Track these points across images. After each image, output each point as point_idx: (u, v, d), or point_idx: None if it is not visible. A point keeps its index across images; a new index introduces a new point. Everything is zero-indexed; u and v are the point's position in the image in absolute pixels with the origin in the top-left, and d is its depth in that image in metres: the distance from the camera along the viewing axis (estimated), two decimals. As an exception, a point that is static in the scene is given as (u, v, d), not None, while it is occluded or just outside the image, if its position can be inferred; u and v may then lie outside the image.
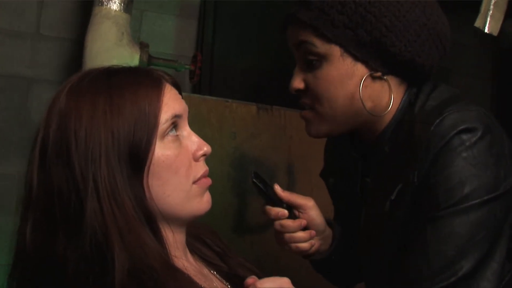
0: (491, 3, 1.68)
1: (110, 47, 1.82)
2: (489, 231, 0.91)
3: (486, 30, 1.70)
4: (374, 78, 1.00)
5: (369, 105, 1.01)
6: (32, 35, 2.12)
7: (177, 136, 0.83)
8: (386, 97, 1.02)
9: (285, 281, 0.75)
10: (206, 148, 0.86)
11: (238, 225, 1.91)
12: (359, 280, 1.23)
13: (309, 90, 1.03)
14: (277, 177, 2.00)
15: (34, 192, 0.77)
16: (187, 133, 0.86)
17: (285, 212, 1.07)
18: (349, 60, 0.99)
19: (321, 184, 1.30)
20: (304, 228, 1.10)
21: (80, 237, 0.73)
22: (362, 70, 0.99)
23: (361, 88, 0.99)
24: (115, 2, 1.85)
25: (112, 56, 1.82)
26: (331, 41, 0.98)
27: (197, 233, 0.98)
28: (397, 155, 1.00)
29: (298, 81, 1.04)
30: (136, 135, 0.77)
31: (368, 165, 1.09)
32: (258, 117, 2.00)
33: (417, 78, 1.03)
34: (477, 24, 1.70)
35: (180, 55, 2.27)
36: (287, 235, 1.08)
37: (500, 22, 1.70)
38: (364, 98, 1.00)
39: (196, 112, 1.88)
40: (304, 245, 1.10)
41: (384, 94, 1.02)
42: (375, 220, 1.04)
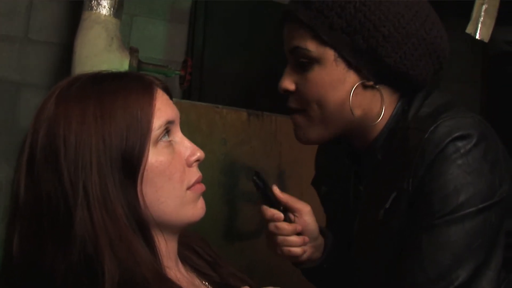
0: (482, 10, 1.68)
1: (100, 52, 1.80)
2: (485, 240, 0.91)
3: (477, 36, 1.71)
4: (366, 86, 0.99)
5: (359, 113, 1.00)
6: (20, 39, 2.10)
7: (170, 141, 0.82)
8: (378, 106, 1.01)
9: None
10: (200, 154, 0.86)
11: (229, 231, 1.90)
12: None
13: (299, 92, 1.02)
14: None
15: (21, 200, 0.74)
16: (180, 139, 0.85)
17: (280, 215, 1.06)
18: (342, 66, 0.98)
19: (312, 190, 1.29)
20: (298, 234, 1.09)
21: (69, 247, 0.71)
22: (354, 77, 0.98)
23: (351, 96, 0.98)
24: (104, 7, 1.83)
25: (101, 61, 1.80)
26: (326, 44, 0.97)
27: (188, 242, 0.97)
28: (391, 163, 0.99)
29: (288, 82, 1.02)
30: (128, 141, 0.75)
31: (361, 172, 1.08)
32: (248, 123, 1.99)
33: (410, 89, 1.02)
34: (468, 30, 1.71)
35: (170, 60, 2.26)
36: (280, 238, 1.07)
37: (491, 29, 1.71)
38: (355, 106, 0.99)
39: (186, 118, 1.87)
40: (297, 250, 1.08)
41: (376, 103, 1.01)
42: (369, 228, 1.03)
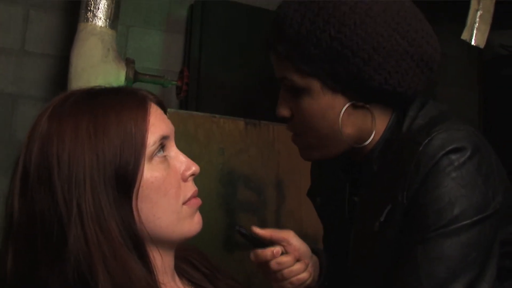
0: (477, 16, 1.69)
1: (96, 64, 1.80)
2: (480, 252, 0.90)
3: (473, 42, 1.71)
4: (357, 106, 0.99)
5: (354, 132, 1.00)
6: (17, 51, 2.11)
7: (164, 156, 0.82)
8: (371, 123, 1.00)
9: None
10: (195, 168, 0.85)
11: (228, 241, 1.89)
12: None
13: (294, 119, 1.02)
14: (266, 192, 1.99)
15: (15, 218, 0.74)
16: (175, 153, 0.84)
17: (278, 250, 1.04)
18: (329, 93, 0.97)
19: (310, 199, 1.29)
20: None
21: (63, 264, 0.70)
22: (343, 100, 0.97)
23: (340, 119, 0.97)
24: (100, 18, 1.83)
25: (97, 72, 1.80)
26: (309, 74, 0.96)
27: (185, 255, 0.96)
28: (386, 175, 0.99)
29: (283, 109, 1.02)
30: (122, 157, 0.75)
31: (356, 184, 1.08)
32: (246, 132, 1.99)
33: (401, 104, 1.01)
34: (464, 36, 1.71)
35: (167, 71, 2.26)
36: (285, 271, 1.05)
37: (486, 35, 1.71)
38: (348, 126, 0.99)
39: (183, 128, 1.87)
40: (304, 275, 1.07)
41: (369, 120, 1.00)
42: (366, 238, 1.02)
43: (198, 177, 0.87)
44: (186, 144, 1.86)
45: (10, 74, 2.09)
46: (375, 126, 1.00)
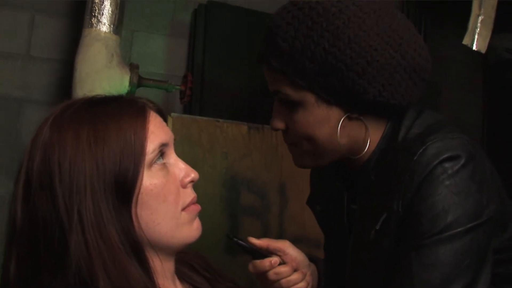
0: (478, 21, 1.69)
1: (100, 69, 1.82)
2: (474, 258, 0.91)
3: (474, 47, 1.71)
4: (351, 118, 0.99)
5: (349, 143, 1.01)
6: (22, 56, 2.12)
7: (164, 164, 0.83)
8: (365, 134, 1.01)
9: None
10: (194, 175, 0.86)
11: (230, 246, 1.89)
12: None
13: (289, 130, 1.03)
14: (269, 196, 2.00)
15: (18, 225, 0.76)
16: (174, 160, 0.85)
17: (276, 260, 1.05)
18: (324, 106, 0.97)
19: (312, 203, 1.29)
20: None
21: (65, 270, 0.72)
22: (338, 112, 0.98)
23: (338, 132, 0.99)
24: (104, 24, 1.85)
25: (101, 77, 1.81)
26: (303, 88, 0.96)
27: (185, 259, 0.97)
28: (382, 184, 1.00)
29: (277, 122, 1.03)
30: (122, 165, 0.76)
31: (354, 192, 1.09)
32: (249, 136, 2.00)
33: (395, 115, 1.02)
34: (465, 41, 1.72)
35: (170, 75, 2.27)
36: (283, 281, 1.06)
37: (487, 40, 1.72)
38: (343, 136, 1.00)
39: (187, 133, 1.88)
40: (302, 285, 1.08)
41: (363, 131, 1.01)
42: (362, 247, 1.03)
43: (201, 182, 0.88)
44: (189, 149, 1.87)
45: (16, 78, 2.11)
46: (369, 137, 1.01)
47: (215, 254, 1.81)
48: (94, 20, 1.85)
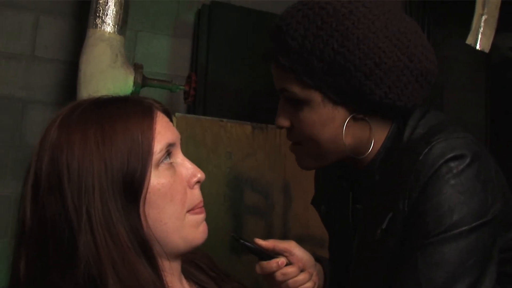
0: (482, 21, 1.69)
1: (104, 69, 1.82)
2: (479, 257, 0.92)
3: (478, 47, 1.72)
4: (356, 119, 1.00)
5: (353, 143, 1.02)
6: (27, 57, 2.13)
7: (171, 163, 0.83)
8: (370, 135, 1.02)
9: None
10: (200, 175, 0.86)
11: (235, 245, 1.90)
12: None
13: (294, 128, 1.03)
14: (273, 196, 2.00)
15: (27, 225, 0.76)
16: (181, 160, 0.86)
17: (283, 260, 1.05)
18: (330, 105, 0.98)
19: (316, 203, 1.30)
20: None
21: (74, 269, 0.72)
22: (343, 113, 0.99)
23: (344, 132, 0.99)
24: (109, 24, 1.86)
25: (106, 78, 1.82)
26: (311, 87, 0.97)
27: (192, 258, 0.98)
28: (387, 183, 1.01)
29: (282, 119, 1.04)
30: (130, 164, 0.77)
31: (359, 191, 1.09)
32: (253, 136, 2.00)
33: (400, 115, 1.03)
34: (469, 41, 1.72)
35: (174, 75, 2.28)
36: (291, 282, 1.06)
37: (491, 39, 1.72)
38: (348, 136, 1.00)
39: (191, 133, 1.89)
40: (309, 285, 1.08)
41: (368, 132, 1.02)
42: (368, 246, 1.04)
43: (206, 181, 0.89)
44: (193, 148, 1.87)
45: (20, 79, 2.12)
46: (373, 137, 1.02)
47: (220, 254, 1.81)
48: (98, 20, 1.85)
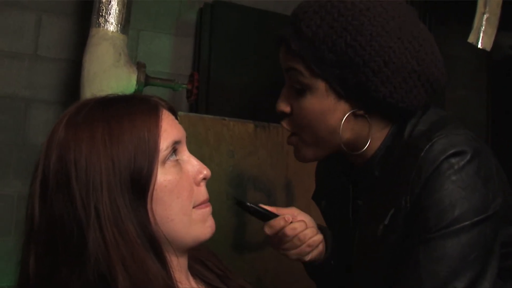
0: (483, 19, 1.70)
1: (108, 68, 1.83)
2: (480, 252, 0.93)
3: (479, 45, 1.72)
4: (357, 115, 1.02)
5: (351, 137, 1.03)
6: (29, 56, 2.14)
7: (177, 160, 0.84)
8: (368, 132, 1.03)
9: None
10: (206, 172, 0.88)
11: (237, 243, 1.91)
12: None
13: (293, 115, 1.05)
14: (275, 194, 2.01)
15: (36, 223, 0.77)
16: (187, 157, 0.87)
17: (289, 216, 1.07)
18: (333, 96, 1.00)
19: (319, 201, 1.31)
20: None
21: (83, 266, 0.73)
22: (345, 107, 1.01)
23: (341, 127, 1.01)
24: (112, 24, 1.86)
25: (109, 77, 1.83)
26: (317, 75, 0.99)
27: (198, 256, 0.99)
28: (388, 180, 1.02)
29: (284, 104, 1.05)
30: (136, 162, 0.78)
31: (360, 187, 1.10)
32: (255, 134, 2.01)
33: (401, 117, 1.04)
34: (470, 39, 1.73)
35: (177, 74, 2.29)
36: (301, 235, 1.08)
37: (492, 38, 1.72)
38: (347, 131, 1.02)
39: (194, 131, 1.90)
40: (318, 237, 1.11)
41: (366, 129, 1.03)
42: (369, 242, 1.05)
43: (208, 179, 0.90)
44: (196, 147, 1.88)
45: (23, 78, 2.12)
46: (371, 135, 1.03)
47: (222, 252, 1.81)
48: (101, 19, 1.86)
